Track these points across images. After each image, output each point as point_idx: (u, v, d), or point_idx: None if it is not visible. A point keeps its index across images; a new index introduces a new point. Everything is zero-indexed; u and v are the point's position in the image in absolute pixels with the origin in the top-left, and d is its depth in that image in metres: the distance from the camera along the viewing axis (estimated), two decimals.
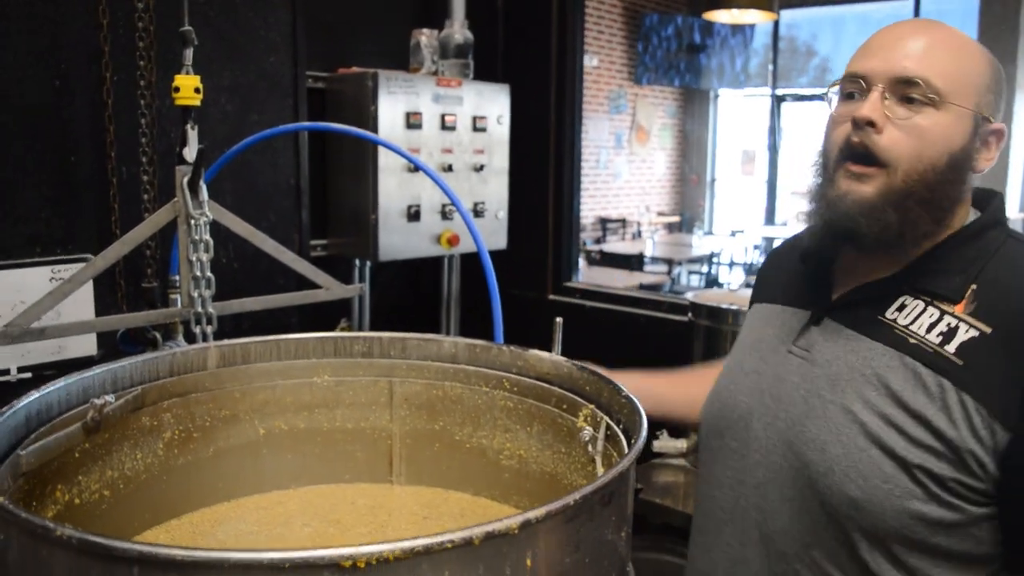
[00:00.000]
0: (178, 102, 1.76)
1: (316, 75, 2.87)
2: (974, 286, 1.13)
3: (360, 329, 2.98)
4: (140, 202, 2.31)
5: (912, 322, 1.14)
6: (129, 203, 2.31)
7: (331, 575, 0.76)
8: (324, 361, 1.57)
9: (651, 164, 11.26)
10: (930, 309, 1.14)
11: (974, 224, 1.19)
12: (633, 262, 8.07)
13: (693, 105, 11.74)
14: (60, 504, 1.23)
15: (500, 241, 3.22)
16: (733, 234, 10.39)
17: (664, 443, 2.46)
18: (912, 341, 1.12)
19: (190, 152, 1.74)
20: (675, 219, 11.54)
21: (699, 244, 9.53)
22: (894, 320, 1.16)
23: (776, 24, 10.19)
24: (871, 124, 1.12)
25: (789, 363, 1.24)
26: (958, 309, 1.12)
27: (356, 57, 3.01)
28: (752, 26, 10.28)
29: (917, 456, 1.08)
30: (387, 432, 1.59)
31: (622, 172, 10.74)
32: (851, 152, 1.14)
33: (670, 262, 8.53)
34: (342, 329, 2.95)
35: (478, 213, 3.09)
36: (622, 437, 1.22)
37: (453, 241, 2.97)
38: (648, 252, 8.73)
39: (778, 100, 10.60)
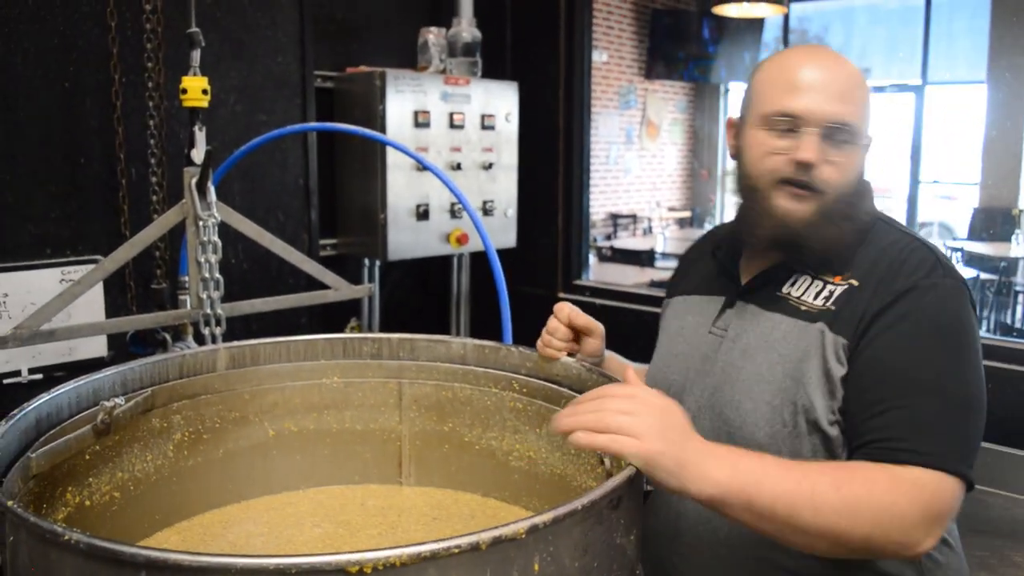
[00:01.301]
0: (186, 103, 1.77)
1: (325, 74, 2.87)
2: (853, 260, 1.33)
3: (370, 329, 2.99)
4: (149, 203, 2.31)
5: (803, 293, 1.34)
6: (138, 204, 2.31)
7: None
8: (333, 362, 1.58)
9: (661, 159, 11.23)
10: (816, 282, 1.34)
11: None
12: (644, 258, 8.03)
13: (703, 100, 11.69)
14: (71, 506, 1.24)
15: (509, 239, 3.21)
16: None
17: None
18: (803, 308, 1.33)
19: (198, 153, 1.75)
20: (686, 214, 11.50)
21: None
22: (788, 294, 1.36)
23: (786, 17, 10.13)
24: (811, 165, 1.29)
25: (710, 342, 1.42)
26: (838, 279, 1.32)
27: (364, 56, 3.00)
28: (762, 20, 10.22)
29: (807, 396, 1.27)
30: (396, 433, 1.59)
31: (632, 168, 10.71)
32: (790, 182, 1.31)
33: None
34: (352, 329, 2.96)
35: (487, 211, 3.09)
36: None
37: (462, 240, 2.96)
38: (659, 248, 8.69)
39: None
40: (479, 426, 1.54)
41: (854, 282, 1.30)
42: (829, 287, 1.32)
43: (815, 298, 1.32)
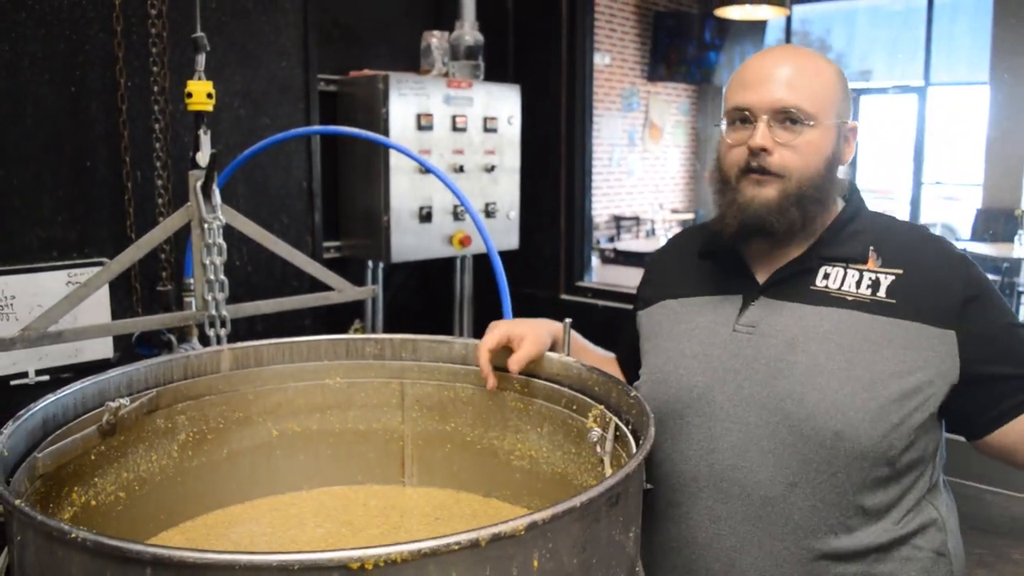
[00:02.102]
0: (190, 107, 1.78)
1: (328, 78, 2.89)
2: (872, 247, 1.40)
3: (373, 330, 3.00)
4: (154, 206, 2.33)
5: (841, 285, 1.39)
6: (144, 207, 2.33)
7: None
8: (336, 363, 1.59)
9: (664, 161, 11.23)
10: (850, 271, 1.40)
11: (850, 206, 1.47)
12: (647, 260, 8.04)
13: (706, 102, 11.69)
14: (76, 506, 1.25)
15: (512, 241, 3.23)
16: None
17: None
18: (850, 298, 1.37)
19: (203, 157, 1.76)
20: (689, 216, 11.50)
21: None
22: (825, 286, 1.40)
23: (789, 20, 10.13)
24: (764, 150, 1.36)
25: (738, 340, 1.42)
26: (869, 265, 1.39)
27: (368, 60, 3.02)
28: (764, 22, 10.22)
29: (882, 386, 1.30)
30: (399, 433, 1.60)
31: (635, 170, 10.71)
32: (750, 170, 1.38)
33: None
34: (355, 330, 2.97)
35: (489, 213, 3.10)
36: (630, 437, 1.23)
37: (465, 242, 2.98)
38: None
39: None
40: (481, 426, 1.55)
41: (897, 271, 1.37)
42: (867, 275, 1.38)
43: (857, 287, 1.38)
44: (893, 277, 1.37)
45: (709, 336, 1.45)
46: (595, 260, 8.41)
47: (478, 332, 3.25)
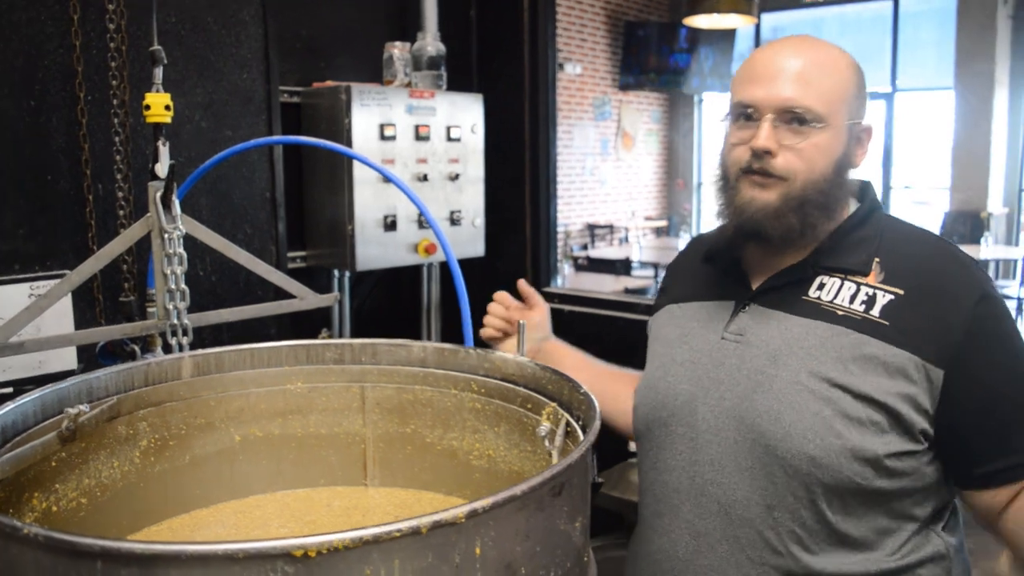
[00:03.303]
0: (149, 119, 1.80)
1: (291, 90, 2.91)
2: (877, 259, 1.30)
3: (341, 339, 3.01)
4: (116, 218, 2.33)
5: (835, 297, 1.30)
6: (105, 219, 2.34)
7: (284, 565, 0.80)
8: (297, 368, 1.61)
9: (637, 170, 11.32)
10: (847, 284, 1.30)
11: (860, 210, 1.37)
12: (619, 267, 8.11)
13: (678, 110, 11.81)
14: (37, 512, 1.26)
15: (478, 248, 3.26)
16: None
17: None
18: (841, 313, 1.28)
19: (162, 168, 1.78)
20: (662, 223, 11.59)
21: None
22: (818, 297, 1.31)
23: (758, 28, 10.26)
24: (767, 152, 1.28)
25: (724, 348, 1.36)
26: (870, 279, 1.29)
27: (332, 71, 3.05)
28: (734, 30, 10.34)
29: (863, 410, 1.22)
30: (360, 436, 1.62)
31: (608, 178, 10.79)
32: (752, 171, 1.30)
33: (656, 266, 8.57)
34: (323, 339, 2.98)
35: (455, 221, 3.13)
36: (580, 433, 1.25)
37: (430, 250, 3.01)
38: (635, 257, 8.77)
39: None
40: (440, 427, 1.57)
41: (897, 290, 1.26)
42: (865, 289, 1.28)
43: (851, 301, 1.28)
44: (892, 297, 1.26)
45: (699, 343, 1.41)
46: (568, 268, 8.50)
47: (445, 338, 3.30)
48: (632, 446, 2.55)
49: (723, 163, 1.37)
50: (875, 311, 1.26)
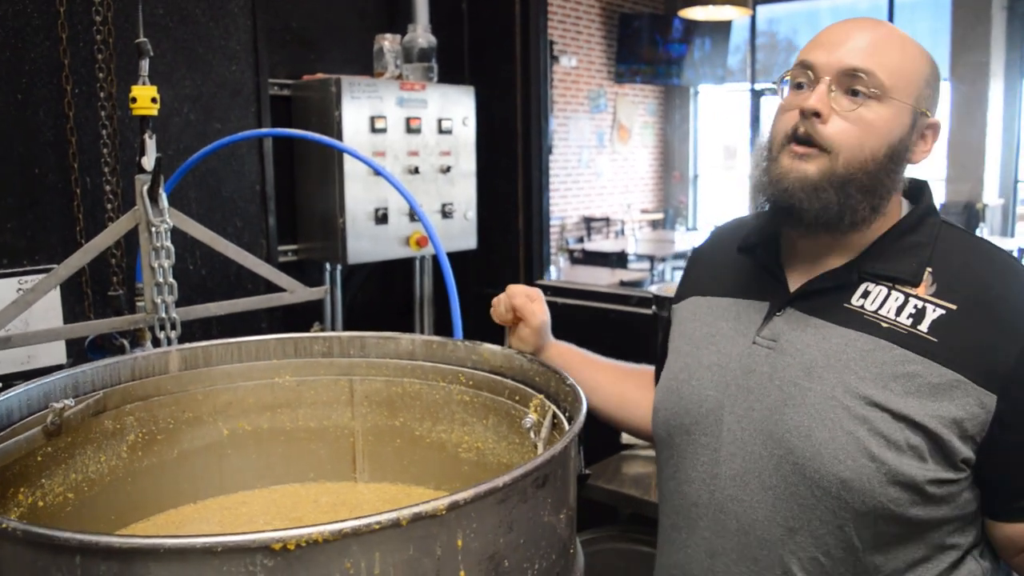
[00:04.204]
0: (135, 112, 1.79)
1: (281, 82, 2.90)
2: (929, 269, 1.20)
3: (330, 332, 3.01)
4: (104, 211, 2.33)
5: (880, 307, 1.20)
6: (93, 213, 2.33)
7: (263, 558, 0.79)
8: (285, 362, 1.60)
9: (633, 162, 11.31)
10: (894, 294, 1.20)
11: (914, 213, 1.27)
12: (614, 260, 8.11)
13: (673, 102, 11.80)
14: (23, 507, 1.25)
15: (470, 241, 3.25)
16: (720, 227, 10.41)
17: None
18: (885, 325, 1.18)
19: (149, 161, 1.77)
20: (659, 216, 11.59)
21: (682, 240, 9.57)
22: (862, 307, 1.21)
23: (753, 19, 10.25)
24: (817, 115, 1.18)
25: (755, 354, 1.27)
26: (920, 291, 1.19)
27: (321, 64, 3.04)
28: (730, 22, 10.33)
29: (901, 433, 1.14)
30: (349, 430, 1.62)
31: (604, 171, 10.78)
32: (796, 137, 1.20)
33: (652, 259, 8.58)
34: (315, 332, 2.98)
35: (446, 214, 3.12)
36: (567, 425, 1.25)
37: (422, 243, 3.00)
38: (631, 249, 8.77)
39: (758, 95, 10.67)
40: (429, 420, 1.57)
41: (949, 305, 1.17)
42: (913, 301, 1.18)
43: (897, 314, 1.18)
44: (943, 312, 1.16)
45: (728, 345, 1.31)
46: (564, 261, 8.49)
47: (438, 331, 3.30)
48: (624, 437, 2.55)
49: (771, 134, 1.26)
50: (923, 326, 1.16)
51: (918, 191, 1.31)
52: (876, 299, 1.20)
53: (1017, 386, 1.13)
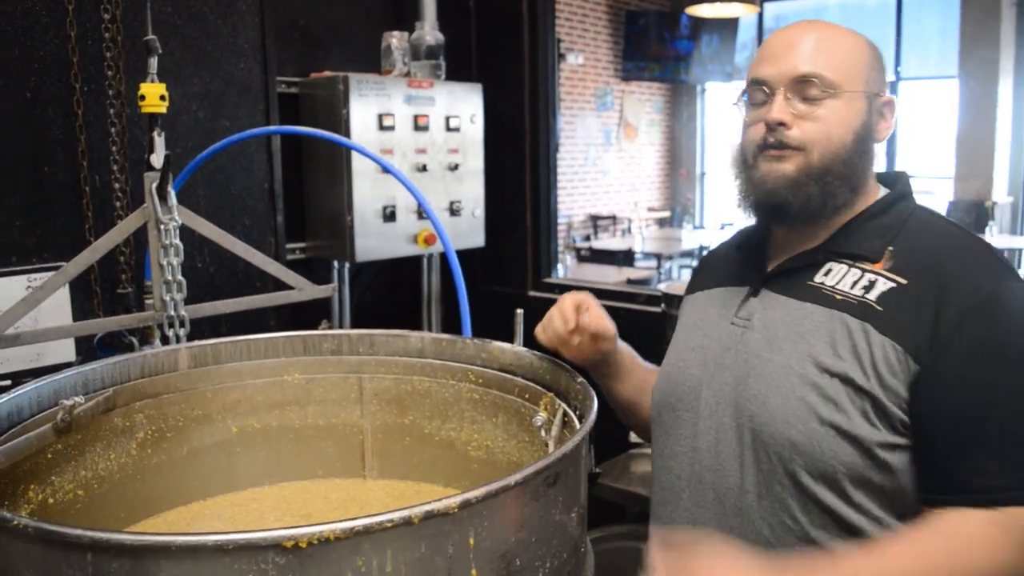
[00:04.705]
0: (144, 110, 1.80)
1: (289, 80, 2.90)
2: (891, 248, 1.27)
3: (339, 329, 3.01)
4: (113, 209, 2.33)
5: (839, 282, 1.27)
6: (102, 211, 2.33)
7: (275, 556, 0.79)
8: (294, 359, 1.60)
9: (640, 160, 11.30)
10: (853, 270, 1.28)
11: (886, 197, 1.35)
12: (621, 258, 8.10)
13: (680, 100, 11.78)
14: (33, 504, 1.26)
15: (478, 239, 3.25)
16: (723, 227, 10.40)
17: None
18: (839, 297, 1.25)
19: (157, 158, 1.77)
20: (665, 214, 11.57)
21: (689, 238, 9.55)
22: (821, 283, 1.29)
23: (760, 16, 10.22)
24: (782, 124, 1.28)
25: (733, 334, 1.35)
26: (877, 267, 1.26)
27: (330, 61, 3.04)
28: (737, 19, 10.30)
29: (849, 398, 1.19)
30: (358, 427, 1.62)
31: (611, 169, 10.77)
32: (768, 146, 1.30)
33: (659, 256, 8.56)
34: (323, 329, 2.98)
35: (454, 212, 3.12)
36: (577, 423, 1.25)
37: (430, 240, 3.00)
38: (638, 248, 8.76)
39: None
40: (438, 418, 1.57)
41: (901, 280, 1.22)
42: (868, 276, 1.25)
43: (852, 287, 1.25)
44: (893, 285, 1.22)
45: (712, 328, 1.40)
46: (571, 259, 8.49)
47: (446, 329, 3.29)
48: (632, 436, 2.54)
49: (740, 148, 1.37)
50: (872, 296, 1.23)
51: (895, 180, 1.39)
52: (836, 275, 1.28)
53: (939, 361, 1.17)
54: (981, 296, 1.18)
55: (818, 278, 1.29)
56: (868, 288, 1.24)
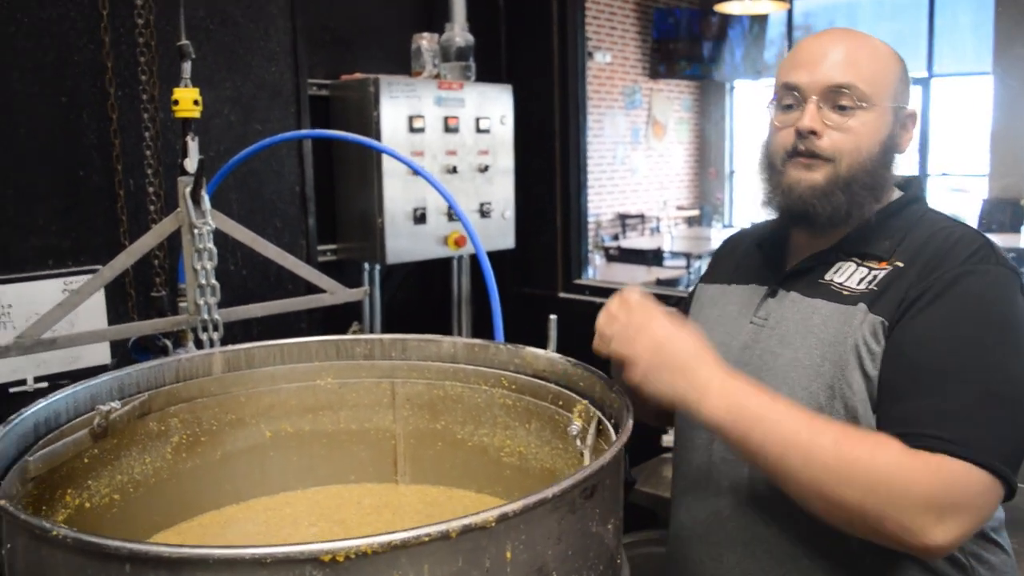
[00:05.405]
0: (178, 114, 1.80)
1: (320, 82, 2.91)
2: (899, 247, 1.31)
3: (371, 332, 3.02)
4: (147, 213, 2.35)
5: (847, 279, 1.31)
6: (137, 214, 2.36)
7: (312, 570, 0.79)
8: (327, 364, 1.60)
9: (668, 158, 11.24)
10: (860, 268, 1.32)
11: (899, 200, 1.39)
12: (650, 257, 8.06)
13: (709, 98, 11.70)
14: (71, 508, 1.27)
15: (508, 241, 3.24)
16: (752, 226, 10.32)
17: (673, 438, 2.47)
18: (846, 293, 1.30)
19: (191, 163, 1.78)
20: (694, 213, 11.51)
21: (718, 237, 9.48)
22: (831, 280, 1.33)
23: (790, 13, 10.13)
24: (813, 132, 1.30)
25: (751, 332, 1.40)
26: (883, 264, 1.30)
27: (361, 63, 3.04)
28: (766, 16, 10.22)
29: (853, 384, 1.23)
30: (391, 432, 1.62)
31: (639, 167, 10.73)
32: (797, 153, 1.32)
33: (688, 256, 8.51)
34: (354, 332, 2.99)
35: (484, 213, 3.11)
36: (612, 432, 1.24)
37: (460, 242, 2.99)
38: (667, 247, 8.72)
39: None
40: (471, 423, 1.56)
41: (899, 264, 1.27)
42: (874, 272, 1.29)
43: (858, 283, 1.29)
44: (890, 269, 1.28)
45: (732, 327, 1.44)
46: (599, 258, 8.47)
47: (476, 331, 3.29)
48: (665, 440, 2.53)
49: (767, 149, 1.39)
50: (874, 285, 1.28)
51: (907, 184, 1.42)
52: (845, 273, 1.32)
53: (905, 316, 1.21)
54: (956, 272, 1.21)
55: (828, 276, 1.34)
56: (872, 280, 1.28)
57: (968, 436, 1.09)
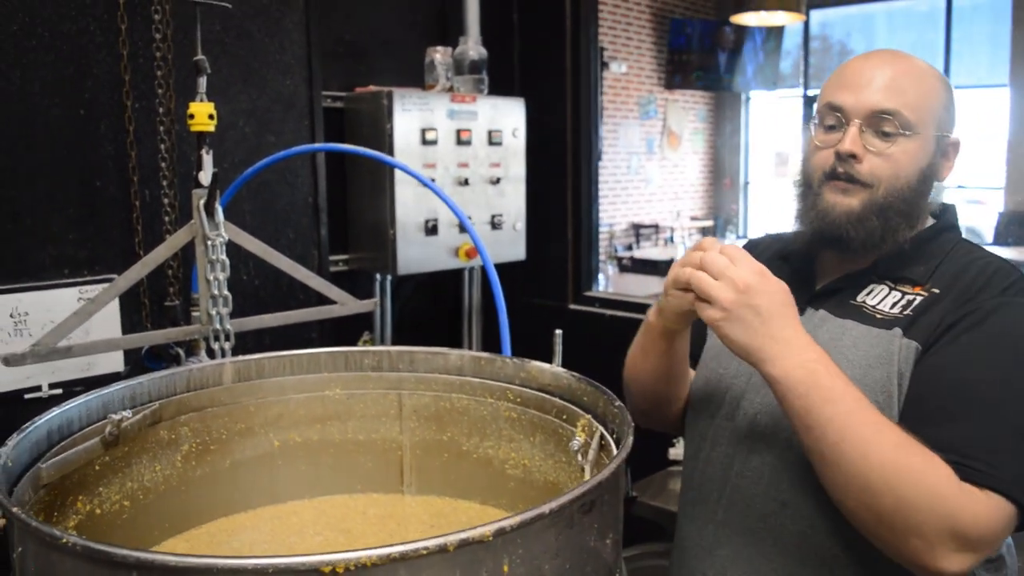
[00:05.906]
0: (193, 128, 1.84)
1: (334, 95, 2.94)
2: (934, 274, 1.30)
3: (382, 343, 3.04)
4: (162, 223, 2.38)
5: (880, 302, 1.31)
6: (152, 225, 2.39)
7: None
8: (335, 375, 1.62)
9: (683, 169, 11.23)
10: (894, 292, 1.31)
11: (934, 226, 1.38)
12: (663, 268, 8.06)
13: (724, 108, 11.69)
14: (81, 514, 1.29)
15: (519, 252, 3.26)
16: (768, 235, 10.29)
17: (680, 451, 2.48)
18: (879, 316, 1.29)
19: (205, 176, 1.81)
20: (709, 223, 11.49)
21: None
22: (863, 302, 1.32)
23: (806, 25, 10.12)
24: (853, 156, 1.28)
25: None
26: (917, 289, 1.29)
27: (374, 76, 3.08)
28: (782, 27, 10.21)
29: (879, 405, 1.20)
30: (397, 443, 1.63)
31: (654, 177, 10.72)
32: (835, 176, 1.31)
33: None
34: (364, 342, 3.01)
35: (495, 225, 3.13)
36: (614, 447, 1.25)
37: (471, 254, 3.01)
38: (679, 257, 8.69)
39: (810, 101, 10.52)
40: (476, 435, 1.58)
41: (936, 290, 1.26)
42: (908, 297, 1.28)
43: (892, 307, 1.29)
44: (926, 295, 1.27)
45: None
46: (612, 269, 8.47)
47: (486, 343, 3.30)
48: (671, 453, 2.53)
49: (805, 167, 1.38)
50: (909, 310, 1.27)
51: (943, 212, 1.41)
52: (877, 296, 1.31)
53: (940, 341, 1.21)
54: (995, 303, 1.21)
55: (860, 297, 1.33)
56: (906, 306, 1.27)
57: (1010, 472, 1.09)
